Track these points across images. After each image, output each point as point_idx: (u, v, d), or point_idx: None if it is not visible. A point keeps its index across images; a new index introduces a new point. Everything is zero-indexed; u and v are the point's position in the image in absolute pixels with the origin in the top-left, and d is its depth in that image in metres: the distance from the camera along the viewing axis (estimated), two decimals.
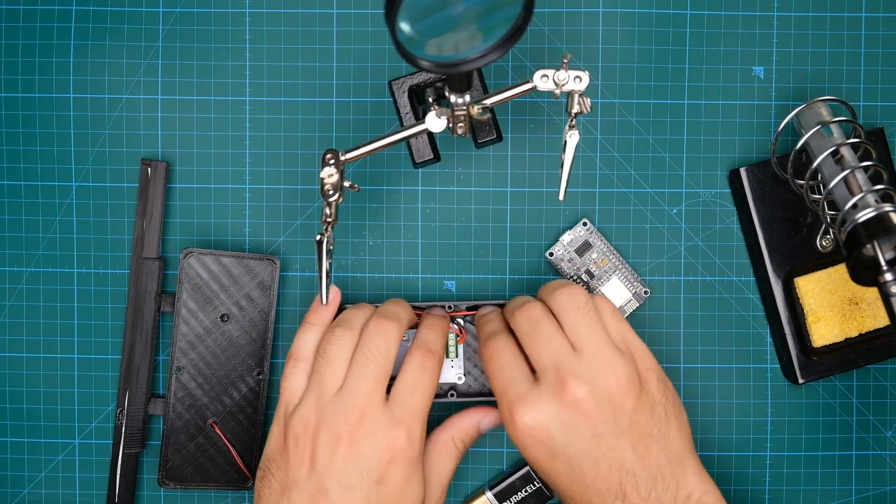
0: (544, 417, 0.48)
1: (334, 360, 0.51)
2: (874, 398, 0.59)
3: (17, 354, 0.59)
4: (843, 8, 0.59)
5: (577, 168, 0.59)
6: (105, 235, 0.59)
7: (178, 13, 0.58)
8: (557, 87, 0.47)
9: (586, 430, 0.48)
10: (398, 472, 0.49)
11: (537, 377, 0.50)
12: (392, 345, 0.51)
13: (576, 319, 0.50)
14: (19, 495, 0.59)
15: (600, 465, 0.48)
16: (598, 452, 0.48)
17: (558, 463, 0.48)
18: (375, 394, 0.50)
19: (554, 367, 0.49)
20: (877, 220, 0.50)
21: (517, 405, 0.49)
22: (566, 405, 0.48)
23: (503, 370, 0.50)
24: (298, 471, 0.49)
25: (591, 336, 0.50)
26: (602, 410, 0.48)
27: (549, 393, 0.49)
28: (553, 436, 0.48)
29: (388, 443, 0.49)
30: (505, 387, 0.50)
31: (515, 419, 0.49)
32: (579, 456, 0.48)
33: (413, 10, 0.39)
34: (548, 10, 0.58)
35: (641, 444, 0.48)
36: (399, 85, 0.56)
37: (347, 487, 0.48)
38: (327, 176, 0.49)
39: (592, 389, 0.48)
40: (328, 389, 0.50)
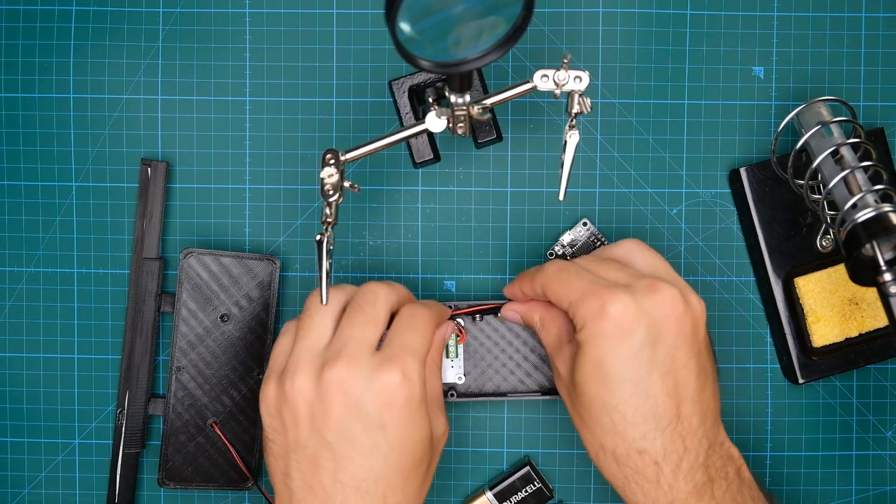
0: (638, 310, 0.47)
1: (315, 314, 0.49)
2: (874, 398, 0.59)
3: (17, 354, 0.59)
4: (843, 8, 0.59)
5: (577, 168, 0.59)
6: (105, 235, 0.59)
7: (178, 13, 0.58)
8: (557, 87, 0.47)
9: (670, 335, 0.47)
10: (400, 414, 0.47)
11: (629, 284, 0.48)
12: (382, 300, 0.49)
13: (648, 255, 0.51)
14: (19, 495, 0.59)
15: (667, 380, 0.47)
16: (671, 365, 0.47)
17: (631, 364, 0.47)
18: (363, 341, 0.48)
19: (639, 277, 0.48)
20: (876, 220, 0.50)
21: (611, 294, 0.47)
22: (660, 304, 0.47)
23: (579, 274, 0.49)
24: (297, 431, 0.47)
25: (669, 269, 0.50)
26: (685, 324, 0.47)
27: (645, 288, 0.47)
28: (641, 330, 0.47)
29: (381, 385, 0.47)
30: (588, 284, 0.48)
31: (609, 309, 0.47)
32: (654, 363, 0.47)
33: (413, 11, 0.39)
34: (548, 10, 0.58)
35: (702, 377, 0.48)
36: (399, 85, 0.56)
37: (349, 437, 0.47)
38: (327, 176, 0.49)
39: (684, 295, 0.48)
40: (315, 343, 0.49)
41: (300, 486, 0.47)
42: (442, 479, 0.59)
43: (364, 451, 0.47)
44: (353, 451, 0.47)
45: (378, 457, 0.47)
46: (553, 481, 0.59)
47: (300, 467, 0.47)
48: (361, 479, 0.47)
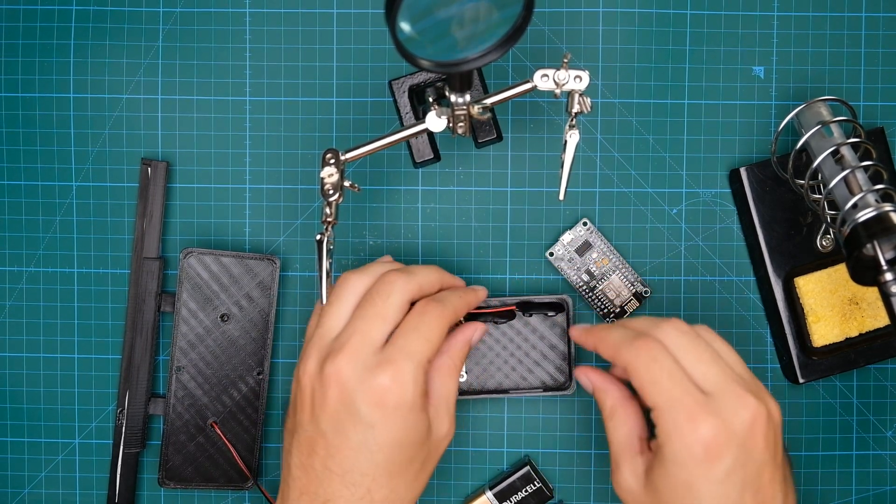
0: (728, 430, 0.45)
1: (335, 301, 0.49)
2: (874, 398, 0.59)
3: (17, 354, 0.59)
4: (843, 8, 0.59)
5: (578, 168, 0.59)
6: (105, 235, 0.59)
7: (179, 13, 0.58)
8: (558, 86, 0.47)
9: (758, 453, 0.46)
10: (389, 416, 0.47)
11: (708, 390, 0.46)
12: (395, 293, 0.49)
13: (726, 351, 0.49)
14: (19, 495, 0.59)
15: (758, 496, 0.46)
16: (761, 481, 0.46)
17: (723, 489, 0.45)
18: (369, 336, 0.48)
19: (728, 381, 0.46)
20: (877, 219, 0.50)
21: (700, 415, 0.45)
22: (748, 421, 0.45)
23: (672, 375, 0.46)
24: (302, 414, 0.49)
25: (746, 371, 0.48)
26: (770, 437, 0.46)
27: (732, 406, 0.45)
28: (732, 452, 0.45)
29: (373, 386, 0.47)
30: (680, 393, 0.46)
31: (699, 427, 0.45)
32: (745, 483, 0.45)
33: (413, 10, 0.39)
34: (548, 10, 0.58)
35: (787, 485, 0.47)
36: (399, 85, 0.56)
37: (341, 430, 0.47)
38: (327, 175, 0.49)
39: (768, 412, 0.46)
40: (328, 332, 0.49)
41: (297, 465, 0.48)
42: (442, 478, 0.59)
43: (352, 445, 0.47)
44: (343, 443, 0.47)
45: (365, 453, 0.47)
46: (553, 481, 0.59)
47: (299, 447, 0.48)
48: (347, 469, 0.47)
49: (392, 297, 0.49)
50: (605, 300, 0.58)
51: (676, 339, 0.48)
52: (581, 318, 0.59)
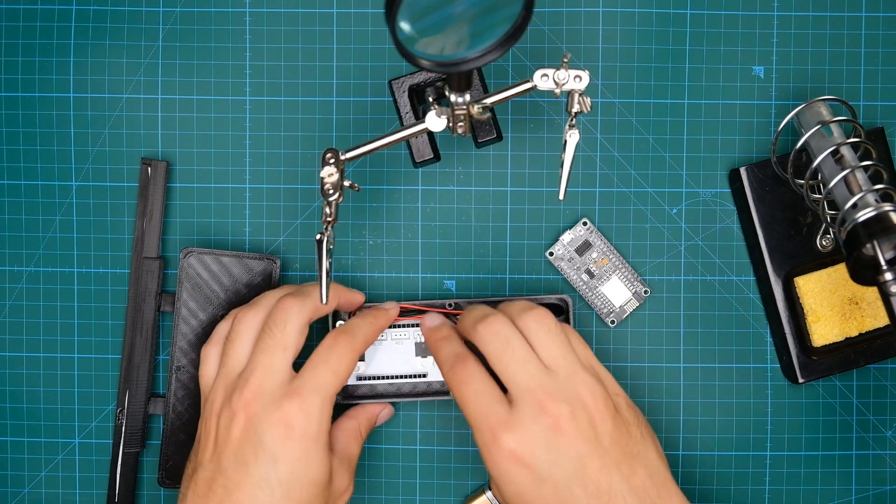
0: (528, 439, 0.47)
1: (236, 339, 0.51)
2: (874, 398, 0.59)
3: (17, 354, 0.59)
4: (843, 7, 0.59)
5: (578, 167, 0.59)
6: (105, 235, 0.59)
7: (179, 13, 0.58)
8: (557, 86, 0.47)
9: (570, 450, 0.47)
10: (294, 448, 0.48)
11: (512, 399, 0.48)
12: (293, 319, 0.50)
13: (548, 341, 0.49)
14: (19, 495, 0.59)
15: (589, 486, 0.47)
16: (586, 473, 0.47)
17: (546, 488, 0.47)
18: (273, 368, 0.49)
19: (531, 388, 0.48)
20: (876, 219, 0.50)
21: (500, 430, 0.47)
22: (548, 426, 0.47)
23: (479, 395, 0.48)
24: (204, 453, 0.49)
25: (565, 357, 0.49)
26: (583, 430, 0.47)
27: (531, 415, 0.47)
28: (539, 458, 0.47)
29: (280, 416, 0.48)
30: (483, 413, 0.48)
31: (501, 444, 0.47)
32: (567, 478, 0.47)
33: (413, 10, 0.39)
34: (548, 10, 0.58)
35: (625, 464, 0.48)
36: (399, 84, 0.56)
37: (243, 464, 0.48)
38: (327, 175, 0.49)
39: (572, 409, 0.47)
40: (232, 369, 0.50)
41: None
42: (442, 478, 0.59)
43: (253, 481, 0.48)
44: (243, 478, 0.48)
45: (265, 489, 0.48)
46: None
47: (196, 489, 0.49)
48: None
49: (289, 325, 0.50)
50: (605, 300, 0.58)
51: (490, 345, 0.49)
52: (581, 318, 0.59)
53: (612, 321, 0.58)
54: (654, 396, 0.59)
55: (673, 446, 0.59)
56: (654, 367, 0.59)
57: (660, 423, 0.59)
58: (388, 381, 0.57)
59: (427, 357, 0.57)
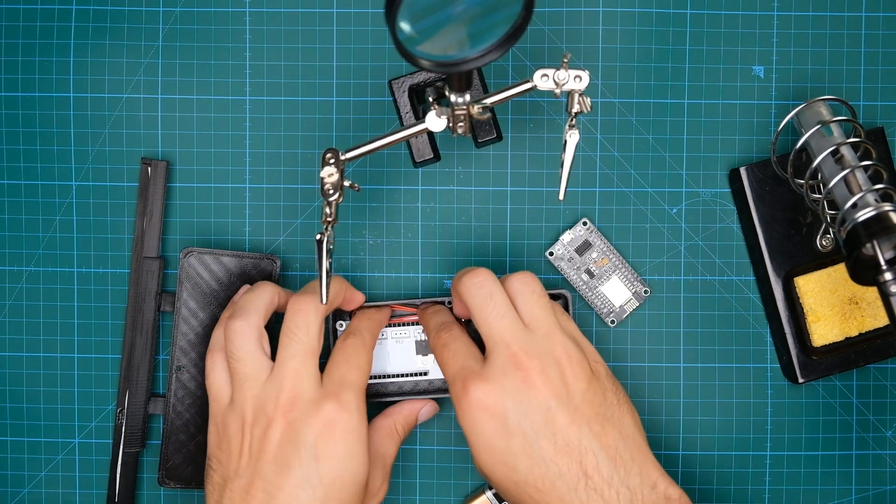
0: (497, 390, 0.48)
1: (243, 356, 0.50)
2: (874, 398, 0.59)
3: (17, 354, 0.59)
4: (843, 7, 0.59)
5: (577, 167, 0.59)
6: (105, 235, 0.59)
7: (179, 12, 0.58)
8: (557, 86, 0.47)
9: (539, 402, 0.47)
10: (335, 445, 0.48)
11: (487, 353, 0.49)
12: (312, 320, 0.50)
13: (531, 301, 0.50)
14: (19, 494, 0.59)
15: (557, 440, 0.47)
16: (555, 427, 0.47)
17: (514, 440, 0.47)
18: (304, 371, 0.50)
19: (506, 341, 0.49)
20: (876, 219, 0.50)
21: (470, 381, 0.48)
22: (518, 379, 0.48)
23: (455, 355, 0.50)
24: (238, 463, 0.49)
25: (545, 319, 0.50)
26: (554, 385, 0.48)
27: (502, 366, 0.48)
28: (507, 409, 0.47)
29: (320, 416, 0.48)
30: (458, 368, 0.49)
31: (469, 393, 0.48)
32: (535, 430, 0.47)
33: (413, 10, 0.39)
34: (548, 10, 0.58)
35: (597, 423, 0.48)
36: (399, 84, 0.56)
37: (284, 467, 0.48)
38: (327, 175, 0.49)
39: (544, 365, 0.48)
40: (255, 381, 0.50)
41: None
42: (442, 478, 0.59)
43: (295, 482, 0.48)
44: (285, 481, 0.48)
45: (307, 489, 0.48)
46: None
47: (232, 496, 0.49)
48: None
49: (311, 328, 0.51)
50: (605, 300, 0.58)
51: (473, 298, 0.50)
52: (581, 317, 0.59)
53: (612, 321, 0.58)
54: (654, 396, 0.59)
55: (673, 446, 0.59)
56: (654, 367, 0.59)
57: (660, 423, 0.59)
58: (389, 379, 0.57)
59: (428, 355, 0.57)
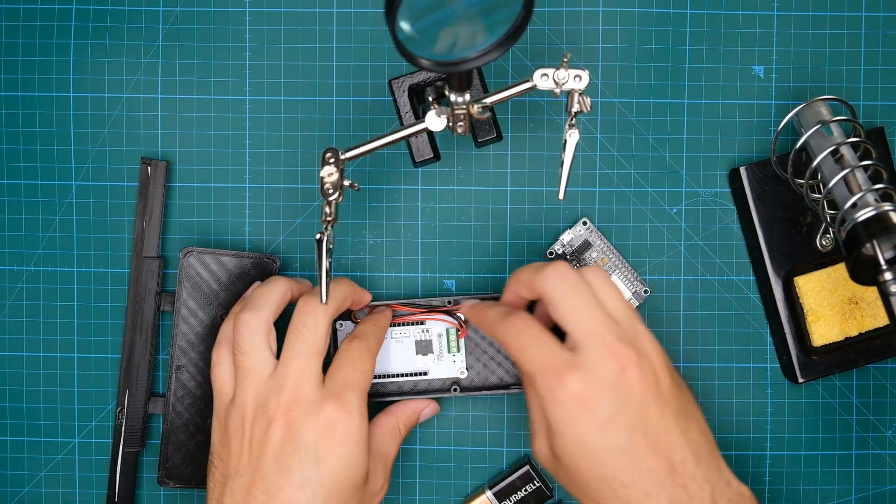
0: (595, 381, 0.46)
1: (250, 350, 0.50)
2: (874, 398, 0.59)
3: (16, 353, 0.59)
4: (843, 7, 0.59)
5: (577, 167, 0.59)
6: (105, 234, 0.59)
7: (178, 12, 0.58)
8: (557, 86, 0.47)
9: (636, 395, 0.47)
10: (336, 447, 0.48)
11: (576, 344, 0.47)
12: (320, 321, 0.50)
13: (611, 293, 0.49)
14: (19, 494, 0.59)
15: (650, 435, 0.46)
16: (647, 422, 0.47)
17: (609, 434, 0.46)
18: (308, 371, 0.49)
19: (598, 331, 0.47)
20: (876, 219, 0.50)
21: (566, 371, 0.46)
22: (615, 370, 0.46)
23: (537, 343, 0.48)
24: (238, 460, 0.49)
25: (626, 310, 0.49)
26: (647, 378, 0.47)
27: (599, 357, 0.47)
28: (605, 400, 0.46)
29: (321, 417, 0.48)
30: (545, 357, 0.47)
31: (566, 384, 0.46)
32: (630, 424, 0.46)
33: (413, 9, 0.39)
34: (548, 10, 0.58)
35: (682, 417, 0.48)
36: (399, 84, 0.56)
37: (285, 468, 0.48)
38: (327, 175, 0.49)
39: (639, 356, 0.47)
40: (258, 377, 0.50)
41: None
42: (442, 478, 0.59)
43: (295, 484, 0.48)
44: (286, 482, 0.48)
45: (307, 491, 0.48)
46: (553, 480, 0.59)
47: (233, 495, 0.49)
48: None
49: (318, 328, 0.50)
50: None
51: (557, 288, 0.49)
52: None
53: None
54: None
55: None
56: None
57: None
58: (389, 379, 0.57)
59: (427, 355, 0.57)
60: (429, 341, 0.57)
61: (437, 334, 0.57)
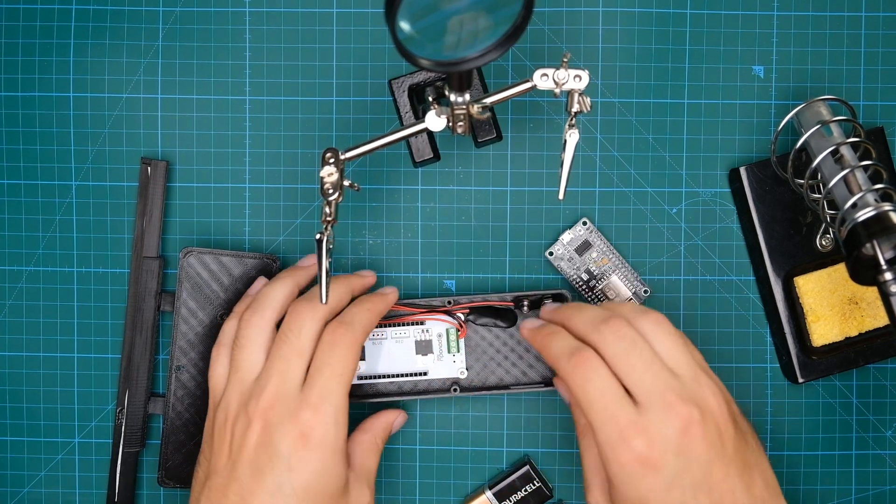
0: (661, 442, 0.45)
1: (247, 345, 0.50)
2: (874, 398, 0.59)
3: (16, 353, 0.59)
4: (843, 7, 0.59)
5: (577, 167, 0.59)
6: (105, 234, 0.59)
7: (178, 12, 0.58)
8: (557, 86, 0.47)
9: (700, 455, 0.46)
10: (309, 458, 0.48)
11: (639, 402, 0.46)
12: (307, 325, 0.50)
13: (670, 344, 0.48)
14: (19, 494, 0.59)
15: (713, 494, 0.46)
16: (712, 481, 0.46)
17: (673, 495, 0.46)
18: (289, 375, 0.49)
19: (659, 390, 0.46)
20: (876, 219, 0.50)
21: (630, 432, 0.46)
22: (680, 430, 0.46)
23: (604, 395, 0.47)
24: (218, 459, 0.49)
25: (688, 362, 0.48)
26: (711, 435, 0.46)
27: (662, 417, 0.46)
28: (669, 463, 0.45)
29: (295, 426, 0.48)
30: (611, 413, 0.46)
31: (632, 447, 0.45)
32: (695, 485, 0.45)
33: (413, 9, 0.39)
34: (548, 10, 0.58)
35: (746, 473, 0.47)
36: (399, 84, 0.56)
37: (258, 472, 0.48)
38: (327, 175, 0.49)
39: (702, 413, 0.46)
40: (247, 375, 0.50)
41: None
42: (442, 478, 0.59)
43: (267, 489, 0.48)
44: (258, 487, 0.48)
45: (279, 498, 0.47)
46: (553, 480, 0.59)
47: (210, 494, 0.49)
48: None
49: (304, 331, 0.50)
50: (605, 300, 0.58)
51: (614, 346, 0.47)
52: None
53: None
54: None
55: None
56: None
57: None
58: (388, 379, 0.57)
59: (427, 355, 0.57)
60: (429, 341, 0.57)
61: (437, 334, 0.57)
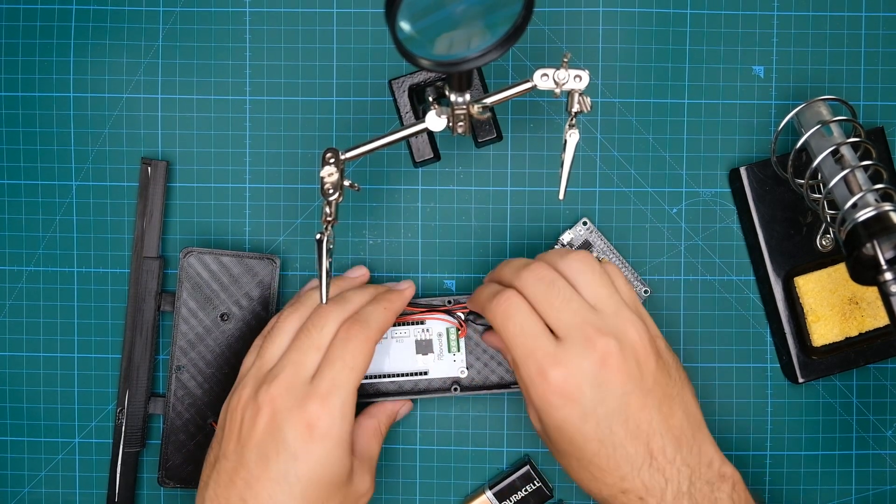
0: (576, 375, 0.47)
1: (276, 338, 0.52)
2: (874, 398, 0.59)
3: (17, 353, 0.59)
4: (843, 7, 0.59)
5: (577, 167, 0.59)
6: (105, 234, 0.59)
7: (179, 12, 0.58)
8: (557, 86, 0.47)
9: (616, 386, 0.47)
10: (314, 448, 0.48)
11: (560, 336, 0.48)
12: (329, 323, 0.51)
13: (592, 280, 0.50)
14: (19, 494, 0.59)
15: (629, 424, 0.47)
16: (628, 411, 0.47)
17: (588, 425, 0.47)
18: (303, 367, 0.50)
19: (577, 324, 0.48)
20: (876, 219, 0.50)
21: (548, 364, 0.47)
22: (597, 361, 0.47)
23: (524, 330, 0.49)
24: (228, 444, 0.50)
25: (610, 297, 0.49)
26: (630, 367, 0.48)
27: (579, 350, 0.47)
28: (585, 394, 0.47)
29: (302, 416, 0.48)
30: (530, 347, 0.48)
31: (549, 378, 0.47)
32: (609, 415, 0.47)
33: (413, 9, 0.39)
34: (548, 10, 0.58)
35: (666, 404, 0.48)
36: (399, 84, 0.56)
37: (264, 459, 0.48)
38: (327, 175, 0.49)
39: (620, 346, 0.48)
40: (265, 364, 0.51)
41: (211, 498, 0.49)
42: (442, 478, 0.59)
43: (272, 476, 0.48)
44: (263, 473, 0.48)
45: (283, 485, 0.48)
46: (553, 480, 0.59)
47: (218, 478, 0.49)
48: (264, 502, 0.48)
49: (326, 328, 0.51)
50: None
51: (534, 287, 0.49)
52: None
53: None
54: None
55: None
56: None
57: None
58: (389, 379, 0.57)
59: (428, 355, 0.57)
60: (429, 341, 0.57)
61: (437, 334, 0.57)
